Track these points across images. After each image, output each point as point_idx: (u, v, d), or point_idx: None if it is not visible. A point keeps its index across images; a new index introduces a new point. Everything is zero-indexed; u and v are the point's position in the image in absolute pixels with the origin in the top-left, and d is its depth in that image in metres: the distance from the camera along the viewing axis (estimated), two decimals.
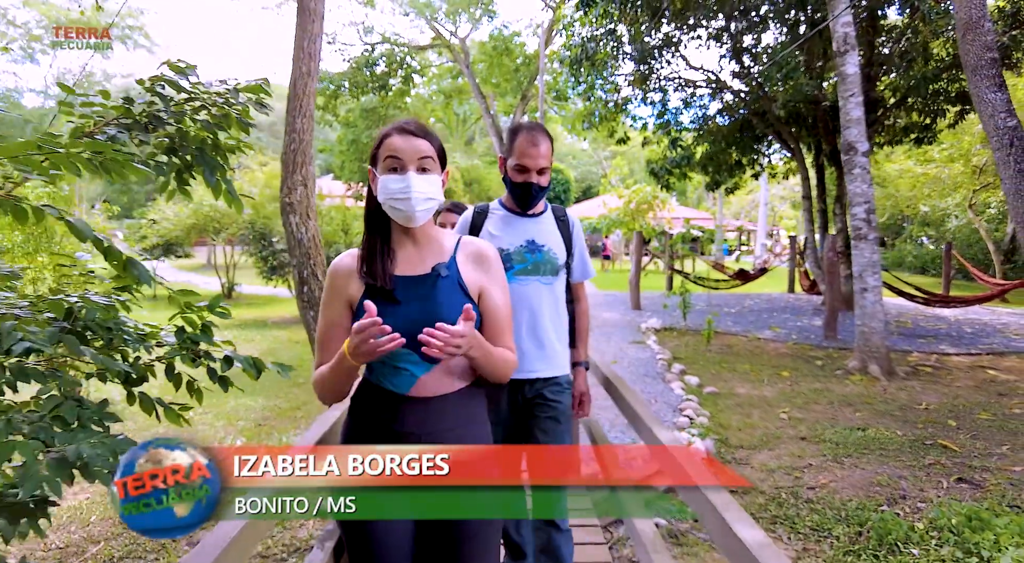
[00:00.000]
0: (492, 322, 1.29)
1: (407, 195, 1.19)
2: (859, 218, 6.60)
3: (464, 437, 1.25)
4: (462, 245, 1.32)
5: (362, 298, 1.22)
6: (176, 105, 0.93)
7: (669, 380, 5.97)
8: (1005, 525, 2.79)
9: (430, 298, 1.24)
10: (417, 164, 1.21)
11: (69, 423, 0.77)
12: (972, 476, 3.73)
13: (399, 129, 1.24)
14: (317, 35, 2.45)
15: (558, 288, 1.99)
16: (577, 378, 2.05)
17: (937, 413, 5.07)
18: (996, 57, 5.65)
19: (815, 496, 3.53)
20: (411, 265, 1.27)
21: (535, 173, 1.87)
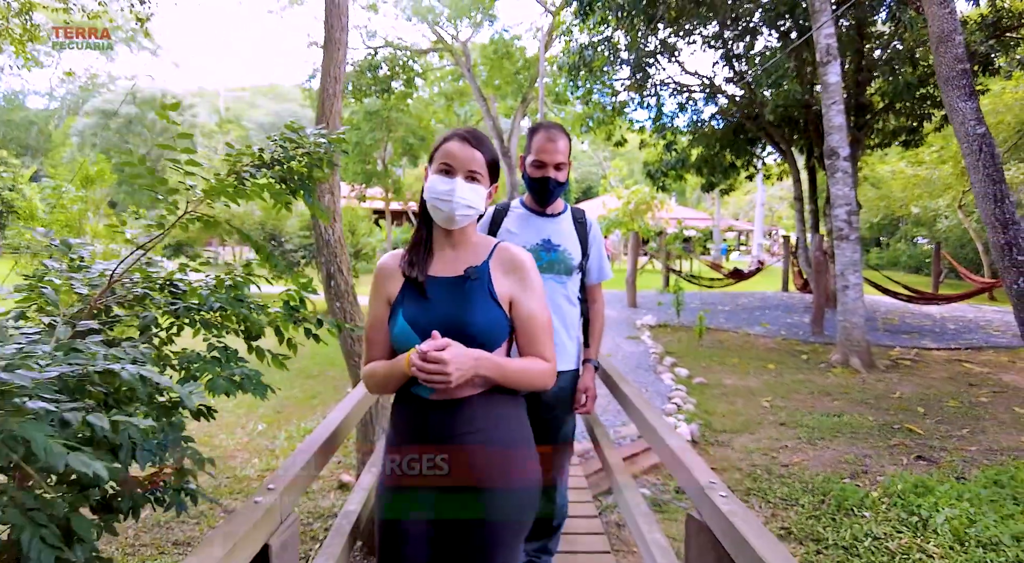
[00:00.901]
0: (525, 330, 1.29)
1: (450, 198, 1.24)
2: (841, 219, 6.97)
3: (491, 439, 1.24)
4: (497, 251, 1.33)
5: (400, 292, 1.28)
6: (292, 148, 1.30)
7: (660, 372, 6.34)
8: (945, 491, 3.17)
9: (458, 301, 1.26)
10: (467, 172, 1.26)
11: (220, 360, 1.14)
12: (931, 455, 4.10)
13: (460, 137, 1.29)
14: (342, 62, 2.82)
15: (571, 287, 2.03)
16: (585, 374, 2.08)
17: (909, 401, 5.44)
18: (967, 68, 6.02)
19: (787, 472, 3.89)
20: (446, 266, 1.30)
21: (552, 168, 1.92)
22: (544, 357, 1.30)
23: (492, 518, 1.23)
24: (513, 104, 22.54)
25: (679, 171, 12.12)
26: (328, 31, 2.79)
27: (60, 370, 0.75)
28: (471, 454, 1.22)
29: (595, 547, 2.59)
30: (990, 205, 5.92)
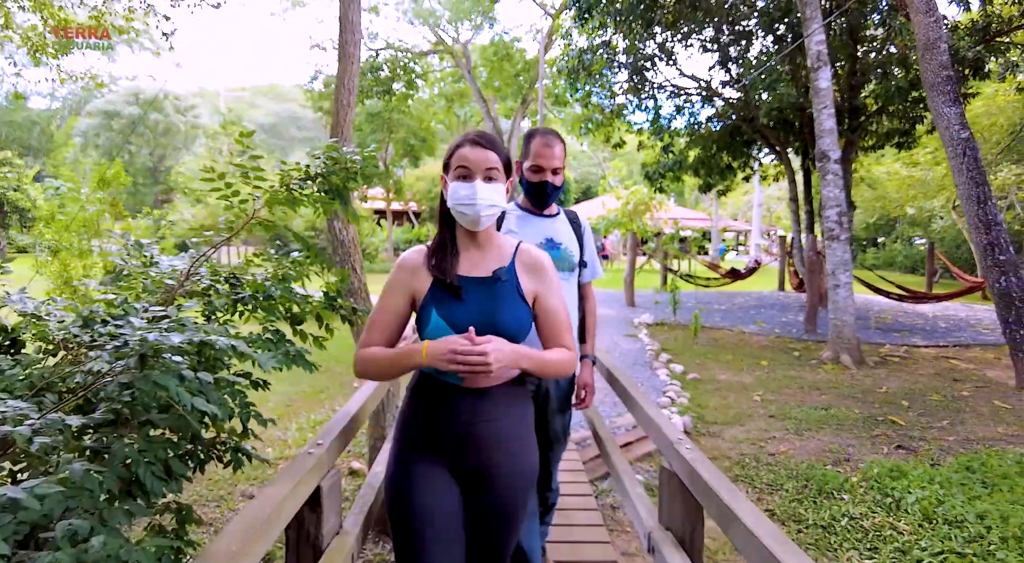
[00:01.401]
0: (548, 324, 1.41)
1: (473, 201, 1.30)
2: (831, 220, 7.18)
3: (504, 426, 1.35)
4: (520, 252, 1.43)
5: (430, 291, 1.34)
6: (332, 164, 1.51)
7: (656, 368, 6.56)
8: (918, 475, 3.39)
9: (490, 300, 1.33)
10: (484, 173, 1.32)
11: (273, 340, 1.36)
12: (910, 444, 4.32)
13: (471, 141, 1.35)
14: (354, 74, 3.04)
15: (573, 284, 2.10)
16: (583, 370, 2.16)
17: (894, 395, 5.66)
18: (951, 75, 6.24)
19: (774, 461, 4.11)
20: (474, 267, 1.37)
21: (550, 173, 1.98)
22: (567, 347, 1.41)
23: (501, 498, 1.34)
24: (513, 105, 22.76)
25: (676, 173, 12.34)
26: (342, 46, 3.01)
27: (180, 338, 0.96)
28: (489, 439, 1.33)
29: (590, 522, 2.82)
30: (974, 206, 6.15)
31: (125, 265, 1.40)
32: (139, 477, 0.91)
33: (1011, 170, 14.03)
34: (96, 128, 28.97)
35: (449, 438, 1.33)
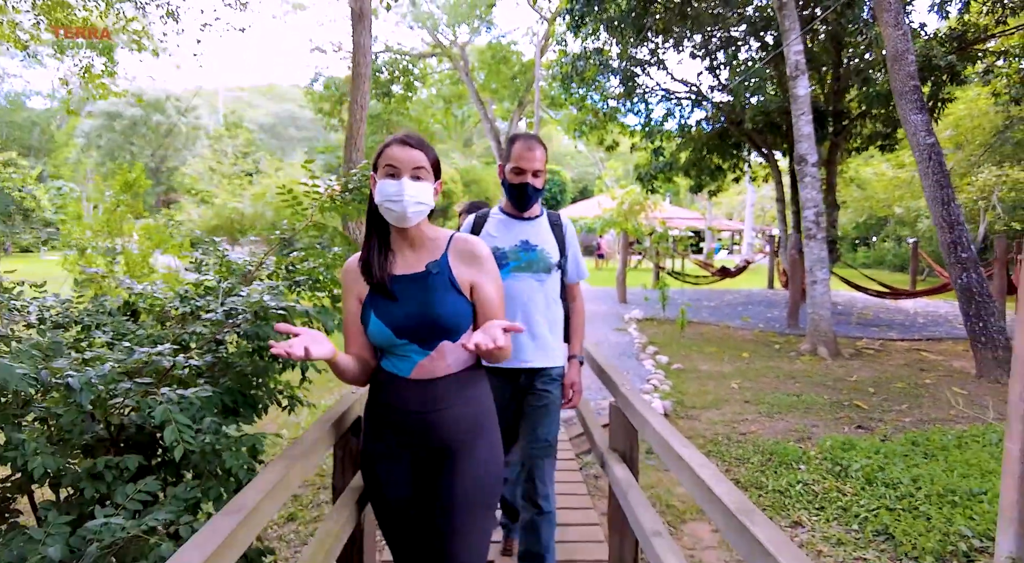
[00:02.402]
0: (485, 312, 1.42)
1: (400, 198, 1.31)
2: (809, 220, 7.61)
3: (461, 415, 1.39)
4: (453, 243, 1.45)
5: (368, 294, 1.39)
6: (364, 180, 1.93)
7: (642, 359, 6.98)
8: (865, 447, 3.82)
9: (424, 294, 1.36)
10: (411, 172, 1.34)
11: (323, 311, 1.78)
12: (869, 424, 4.74)
13: (399, 141, 1.36)
14: (366, 92, 3.46)
15: (550, 285, 2.11)
16: (571, 370, 2.14)
17: (862, 383, 6.09)
18: (918, 84, 6.66)
19: (744, 439, 4.53)
20: (407, 264, 1.40)
21: (530, 175, 2.02)
22: None
23: (463, 478, 1.38)
24: (510, 107, 23.17)
25: (668, 174, 12.77)
26: (355, 67, 3.43)
27: (276, 302, 1.38)
28: (444, 423, 1.38)
29: (577, 492, 3.24)
30: (939, 207, 6.58)
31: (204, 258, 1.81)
32: (236, 403, 1.31)
33: (992, 171, 14.49)
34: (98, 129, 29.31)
35: (405, 428, 1.38)
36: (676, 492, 3.62)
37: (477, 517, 1.41)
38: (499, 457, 1.46)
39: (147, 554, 0.96)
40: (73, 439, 1.12)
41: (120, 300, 1.53)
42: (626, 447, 1.80)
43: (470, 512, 1.39)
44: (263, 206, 11.83)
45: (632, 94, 11.56)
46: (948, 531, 2.84)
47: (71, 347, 1.24)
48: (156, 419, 1.08)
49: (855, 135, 12.58)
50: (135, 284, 1.55)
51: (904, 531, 2.88)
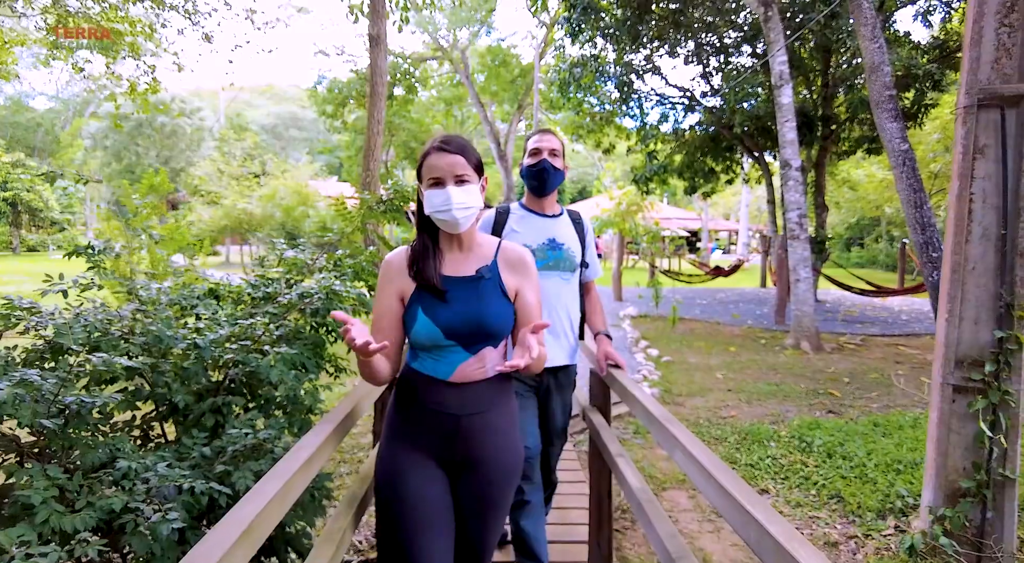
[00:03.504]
0: (526, 318, 1.44)
1: (448, 207, 1.33)
2: (793, 222, 8.04)
3: (491, 419, 1.41)
4: (502, 250, 1.47)
5: (415, 293, 1.38)
6: (396, 194, 2.35)
7: (634, 352, 7.41)
8: (829, 426, 4.25)
9: (475, 298, 1.37)
10: (455, 179, 1.35)
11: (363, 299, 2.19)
12: (839, 410, 5.18)
13: (437, 148, 1.37)
14: (382, 108, 3.87)
15: (575, 284, 2.13)
16: (601, 344, 2.17)
17: (839, 374, 6.52)
18: (893, 94, 7.09)
19: (723, 422, 4.96)
20: (457, 267, 1.41)
21: (547, 153, 2.00)
22: (541, 342, 1.39)
23: (488, 488, 1.42)
24: (510, 110, 23.59)
25: (662, 176, 13.20)
26: (372, 86, 3.85)
27: (340, 286, 1.80)
28: (476, 428, 1.39)
29: (571, 467, 3.67)
30: (911, 209, 7.00)
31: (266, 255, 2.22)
32: (304, 363, 1.73)
33: None
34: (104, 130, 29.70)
35: (437, 430, 1.39)
36: (658, 465, 4.04)
37: (497, 520, 1.45)
38: (520, 455, 1.49)
39: (264, 455, 1.38)
40: (193, 385, 1.53)
41: (205, 287, 1.95)
42: (601, 401, 2.25)
43: (492, 516, 1.44)
44: (272, 207, 12.25)
45: (628, 99, 11.99)
46: (889, 492, 3.28)
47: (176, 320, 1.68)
48: (263, 369, 1.49)
49: (843, 139, 13.02)
50: (214, 274, 1.95)
51: (852, 493, 3.32)
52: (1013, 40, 2.57)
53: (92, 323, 1.37)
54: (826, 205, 13.36)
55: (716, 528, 3.21)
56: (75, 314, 1.43)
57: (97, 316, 1.45)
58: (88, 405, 1.20)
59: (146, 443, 1.52)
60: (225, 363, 1.57)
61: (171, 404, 1.45)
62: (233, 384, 1.59)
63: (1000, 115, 2.58)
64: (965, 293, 2.68)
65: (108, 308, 1.56)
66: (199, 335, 1.52)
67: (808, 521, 3.21)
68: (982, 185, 2.64)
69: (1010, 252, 2.57)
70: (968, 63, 2.66)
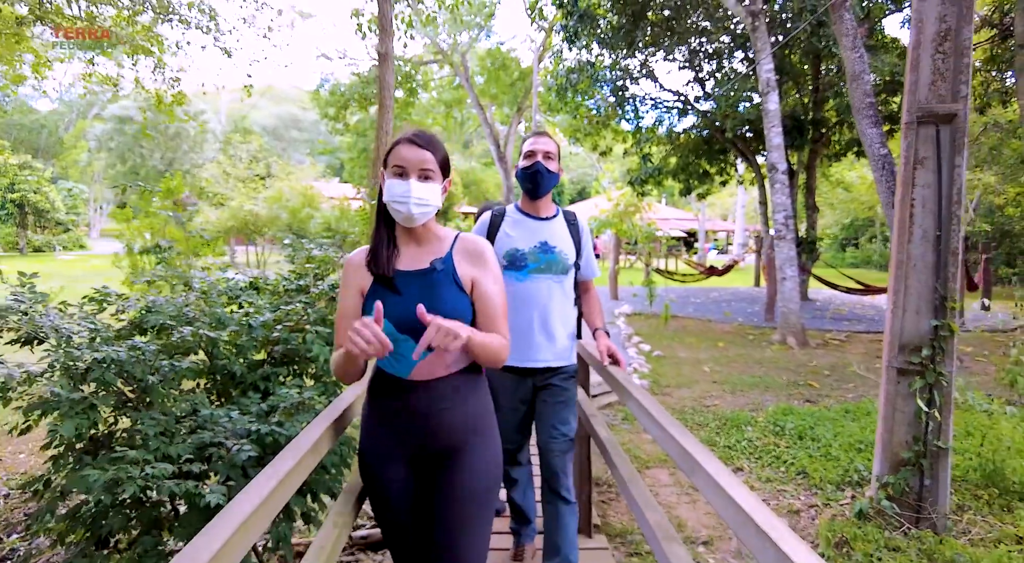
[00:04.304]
0: (485, 309, 1.41)
1: (406, 199, 1.32)
2: (780, 223, 8.40)
3: (459, 416, 1.39)
4: (459, 241, 1.46)
5: (371, 288, 1.38)
6: None
7: (627, 347, 7.76)
8: (803, 412, 4.61)
9: (427, 290, 1.37)
10: (419, 172, 1.34)
11: None
12: (816, 399, 5.53)
13: (408, 140, 1.37)
14: (390, 120, 4.21)
15: (567, 285, 2.14)
16: (601, 340, 2.17)
17: (820, 368, 6.88)
18: (873, 101, 7.44)
19: (707, 410, 5.31)
20: (412, 261, 1.41)
21: (541, 156, 2.01)
22: (502, 334, 1.42)
23: (462, 478, 1.40)
24: (509, 112, 23.95)
25: (657, 178, 13.55)
26: (381, 100, 4.20)
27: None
28: (444, 425, 1.39)
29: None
30: (890, 211, 7.35)
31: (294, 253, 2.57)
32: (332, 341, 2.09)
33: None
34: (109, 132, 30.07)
35: (404, 428, 1.40)
36: (643, 448, 4.40)
37: (476, 517, 1.42)
38: (498, 457, 1.47)
39: (307, 410, 1.72)
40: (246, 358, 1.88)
41: (247, 280, 2.29)
42: (583, 378, 2.61)
43: (469, 513, 1.41)
44: (278, 208, 12.59)
45: (623, 104, 12.34)
46: (849, 468, 3.63)
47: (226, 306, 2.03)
48: (304, 345, 1.84)
49: (834, 142, 13.38)
50: (253, 271, 2.29)
51: (816, 470, 3.67)
52: (947, 66, 2.93)
53: (166, 307, 1.72)
54: (816, 206, 13.71)
55: (692, 500, 3.56)
56: (150, 301, 1.78)
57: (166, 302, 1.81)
58: (177, 368, 1.54)
59: (210, 403, 1.87)
60: (271, 341, 1.91)
61: (229, 373, 1.79)
62: (274, 359, 1.93)
63: (936, 130, 2.93)
64: (908, 287, 3.04)
65: (174, 297, 1.92)
66: (250, 318, 1.86)
67: (775, 493, 3.57)
68: (922, 192, 2.99)
69: (944, 251, 2.93)
70: (909, 85, 3.01)
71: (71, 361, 1.37)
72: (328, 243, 2.74)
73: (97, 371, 1.36)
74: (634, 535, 3.05)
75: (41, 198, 23.23)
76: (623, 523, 3.23)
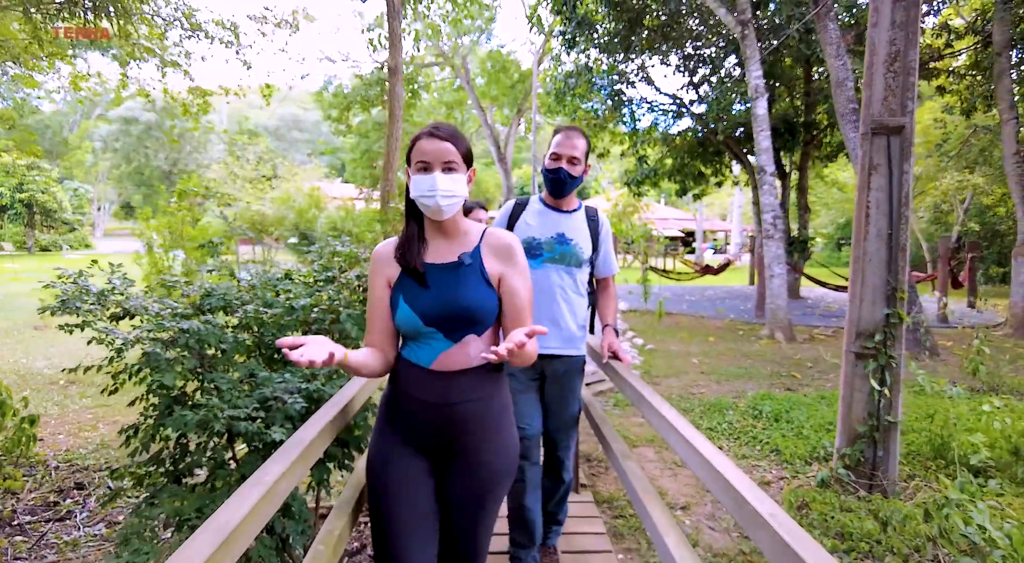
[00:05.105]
0: (512, 305, 1.42)
1: (433, 192, 1.33)
2: (768, 222, 8.77)
3: (479, 409, 1.40)
4: (487, 237, 1.46)
5: (399, 280, 1.41)
6: None
7: (621, 341, 8.13)
8: (780, 398, 4.97)
9: (454, 284, 1.38)
10: (443, 165, 1.35)
11: None
12: (796, 388, 5.90)
13: (429, 133, 1.37)
14: (399, 128, 4.57)
15: (580, 278, 2.16)
16: (607, 335, 2.23)
17: (803, 360, 7.25)
18: (856, 107, 7.81)
19: (693, 397, 5.67)
20: (440, 254, 1.42)
21: (566, 161, 2.06)
22: None
23: (478, 477, 1.42)
24: (509, 113, 24.33)
25: (653, 180, 13.93)
26: (391, 110, 4.56)
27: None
28: (460, 418, 1.40)
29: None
30: None
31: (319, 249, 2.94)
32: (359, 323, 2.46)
33: (953, 177, 15.65)
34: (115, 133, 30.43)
35: (422, 419, 1.41)
36: (632, 430, 4.76)
37: (489, 511, 1.45)
38: (514, 451, 1.48)
39: (343, 377, 2.09)
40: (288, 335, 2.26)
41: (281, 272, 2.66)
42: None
43: (482, 511, 1.43)
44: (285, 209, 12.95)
45: (619, 108, 12.71)
46: (817, 445, 4.00)
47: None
48: (338, 326, 2.20)
49: (825, 144, 13.76)
50: (287, 264, 2.65)
51: (787, 447, 4.04)
52: (897, 83, 3.30)
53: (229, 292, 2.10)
54: (808, 207, 14.08)
55: (674, 474, 3.93)
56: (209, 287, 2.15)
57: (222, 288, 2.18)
58: (238, 340, 1.91)
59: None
60: (309, 321, 2.27)
61: (275, 347, 2.16)
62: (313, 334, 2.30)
63: (887, 141, 3.30)
64: (864, 280, 3.41)
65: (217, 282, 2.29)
66: (292, 300, 2.23)
67: (750, 468, 3.94)
68: (876, 195, 3.36)
69: (894, 248, 3.30)
70: (865, 100, 3.38)
71: (161, 332, 1.74)
72: (350, 241, 3.10)
73: (182, 339, 1.72)
74: (620, 501, 3.42)
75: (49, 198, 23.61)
76: (610, 492, 3.60)
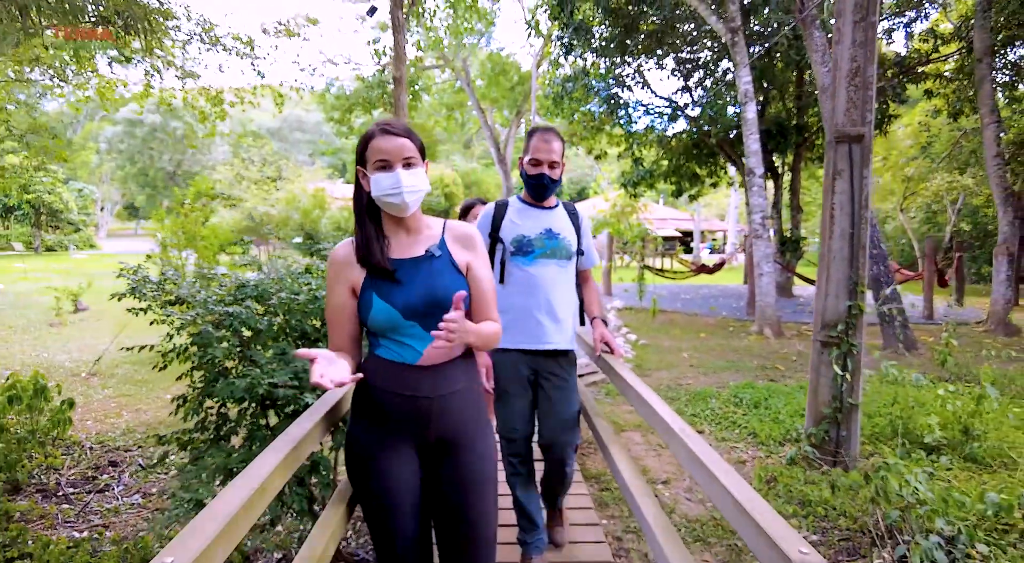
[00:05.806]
0: (479, 292, 1.47)
1: (398, 190, 1.34)
2: (756, 223, 9.10)
3: (463, 398, 1.45)
4: (448, 228, 1.49)
5: (366, 280, 1.39)
6: None
7: (615, 337, 8.46)
8: (761, 387, 5.31)
9: (427, 276, 1.39)
10: (403, 161, 1.35)
11: None
12: (778, 379, 6.22)
13: (382, 131, 1.37)
14: None
15: (571, 271, 2.23)
16: (597, 328, 2.29)
17: (789, 354, 7.57)
18: None
19: (681, 388, 6.00)
20: (405, 249, 1.42)
21: (547, 166, 2.09)
22: (493, 319, 1.48)
23: (467, 465, 1.44)
24: (509, 115, 24.67)
25: (649, 181, 14.26)
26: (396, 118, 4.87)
27: None
28: (451, 407, 1.42)
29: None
30: None
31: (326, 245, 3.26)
32: None
33: (943, 178, 15.98)
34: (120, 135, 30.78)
35: (411, 414, 1.40)
36: (622, 417, 5.09)
37: (489, 492, 1.48)
38: (491, 436, 1.53)
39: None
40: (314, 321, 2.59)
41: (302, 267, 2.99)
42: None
43: (484, 489, 1.46)
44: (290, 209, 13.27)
45: (616, 112, 13.04)
46: (790, 428, 4.33)
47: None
48: None
49: (817, 146, 14.08)
50: (305, 259, 2.97)
51: (763, 430, 4.37)
52: (859, 95, 3.63)
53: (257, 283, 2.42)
54: (801, 207, 14.40)
55: (658, 454, 4.26)
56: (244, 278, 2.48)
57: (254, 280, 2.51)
58: (275, 322, 2.24)
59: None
60: None
61: (301, 332, 2.49)
62: None
63: (849, 148, 3.63)
64: (830, 275, 3.74)
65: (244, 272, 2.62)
66: (316, 290, 2.56)
67: (728, 450, 4.27)
68: (840, 198, 3.69)
69: (855, 246, 3.63)
70: (828, 112, 3.71)
71: (208, 316, 2.07)
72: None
73: (227, 321, 2.05)
74: (606, 476, 3.75)
75: (55, 199, 23.95)
76: (598, 469, 3.93)
